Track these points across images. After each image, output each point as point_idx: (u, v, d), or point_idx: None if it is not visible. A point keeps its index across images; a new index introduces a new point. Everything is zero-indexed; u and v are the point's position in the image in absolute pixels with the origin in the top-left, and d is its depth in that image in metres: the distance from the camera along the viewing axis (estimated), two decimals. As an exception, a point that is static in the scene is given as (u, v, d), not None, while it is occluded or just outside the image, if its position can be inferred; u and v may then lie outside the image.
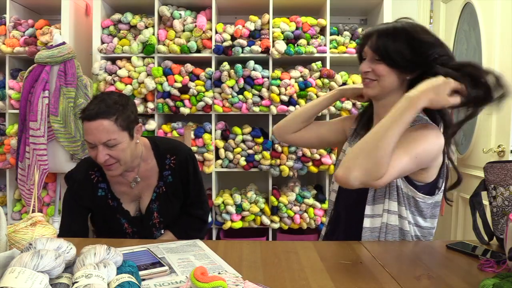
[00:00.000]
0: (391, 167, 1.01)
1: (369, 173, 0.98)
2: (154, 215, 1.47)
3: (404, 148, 1.05)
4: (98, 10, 2.55)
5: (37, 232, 0.89)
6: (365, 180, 0.99)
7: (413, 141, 1.07)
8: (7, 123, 2.55)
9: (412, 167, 1.08)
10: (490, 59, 2.22)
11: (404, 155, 1.04)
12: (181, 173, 1.48)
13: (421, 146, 1.07)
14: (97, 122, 1.26)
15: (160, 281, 0.85)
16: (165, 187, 1.47)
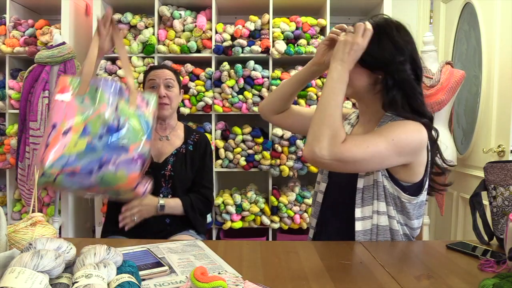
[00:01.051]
0: (362, 141, 1.05)
1: (330, 139, 1.02)
2: (168, 167, 1.69)
3: (379, 133, 1.08)
4: (98, 10, 2.55)
5: (37, 232, 0.89)
6: (331, 148, 1.02)
7: (389, 127, 1.10)
8: (7, 123, 2.55)
9: (390, 153, 1.06)
10: (490, 59, 2.22)
11: (378, 137, 1.06)
12: (200, 150, 1.77)
13: (397, 131, 1.08)
14: (163, 70, 1.74)
15: (160, 281, 0.85)
16: (185, 150, 1.74)
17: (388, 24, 1.14)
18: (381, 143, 1.05)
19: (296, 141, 2.48)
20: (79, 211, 2.68)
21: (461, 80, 2.28)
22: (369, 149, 1.04)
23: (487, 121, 2.22)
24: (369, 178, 1.15)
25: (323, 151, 1.01)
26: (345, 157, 1.03)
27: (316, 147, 1.02)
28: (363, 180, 1.16)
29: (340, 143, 1.02)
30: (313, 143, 1.03)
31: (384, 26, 1.13)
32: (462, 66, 2.52)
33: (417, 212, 1.18)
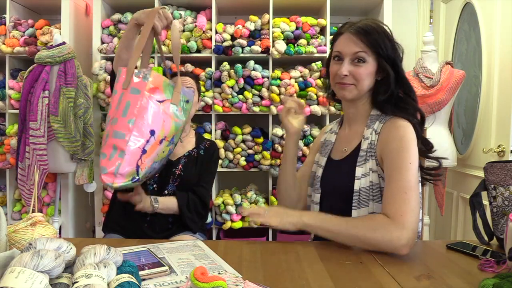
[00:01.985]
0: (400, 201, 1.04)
1: (388, 243, 1.02)
2: (179, 166, 1.72)
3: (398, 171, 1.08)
4: (98, 10, 2.55)
5: (37, 232, 0.89)
6: (391, 246, 1.01)
7: (397, 155, 1.10)
8: (7, 123, 2.55)
9: (415, 171, 1.10)
10: (490, 59, 2.22)
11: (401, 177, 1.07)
12: (208, 155, 1.81)
13: (405, 152, 1.10)
14: (185, 78, 1.83)
15: (160, 281, 0.85)
16: (197, 154, 1.78)
17: (385, 28, 1.20)
18: (408, 177, 1.07)
19: (296, 141, 2.48)
20: (79, 211, 2.68)
21: (461, 80, 2.28)
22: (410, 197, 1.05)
23: (487, 121, 2.22)
24: (366, 179, 1.16)
25: (402, 249, 1.00)
26: (414, 229, 1.02)
27: (397, 250, 1.01)
28: (359, 182, 1.17)
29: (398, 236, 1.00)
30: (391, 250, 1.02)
31: (384, 29, 1.19)
32: (462, 66, 2.52)
33: None
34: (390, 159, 1.11)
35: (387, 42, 1.16)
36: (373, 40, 1.15)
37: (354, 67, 1.17)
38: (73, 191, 2.59)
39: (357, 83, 1.18)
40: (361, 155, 1.18)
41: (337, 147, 1.31)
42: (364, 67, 1.16)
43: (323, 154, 1.33)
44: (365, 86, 1.18)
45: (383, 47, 1.15)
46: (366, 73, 1.16)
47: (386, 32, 1.18)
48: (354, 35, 1.16)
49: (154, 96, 1.28)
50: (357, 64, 1.17)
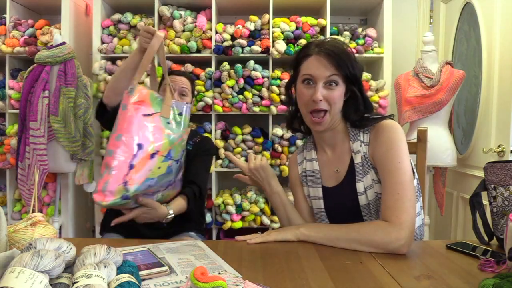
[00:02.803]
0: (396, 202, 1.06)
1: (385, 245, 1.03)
2: None
3: (388, 173, 1.10)
4: (98, 10, 2.55)
5: (37, 232, 0.89)
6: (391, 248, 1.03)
7: (386, 156, 1.12)
8: (7, 123, 2.55)
9: (408, 166, 1.11)
10: (490, 59, 2.22)
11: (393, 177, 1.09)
12: (198, 148, 1.76)
13: (394, 150, 1.11)
14: (180, 77, 1.79)
15: (160, 281, 0.85)
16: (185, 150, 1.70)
17: (348, 48, 1.19)
18: (399, 178, 1.08)
19: (296, 141, 2.49)
20: (79, 211, 2.68)
21: (461, 80, 2.28)
22: (404, 197, 1.06)
23: (487, 121, 2.22)
24: (370, 192, 1.16)
25: (401, 249, 1.02)
26: (410, 227, 1.04)
27: (397, 250, 1.03)
28: (364, 196, 1.17)
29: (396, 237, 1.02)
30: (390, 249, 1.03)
31: (349, 49, 1.18)
32: (462, 66, 2.52)
33: None
34: (380, 164, 1.13)
35: (354, 63, 1.15)
36: (343, 62, 1.13)
37: (327, 91, 1.13)
38: (73, 191, 2.59)
39: (330, 108, 1.14)
40: (357, 170, 1.17)
41: (326, 173, 1.26)
42: (337, 90, 1.14)
43: (314, 185, 1.28)
44: (337, 110, 1.17)
45: (351, 69, 1.14)
46: (339, 95, 1.15)
47: (351, 52, 1.17)
48: (325, 57, 1.12)
49: (140, 110, 1.24)
50: (329, 87, 1.14)
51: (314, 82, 1.14)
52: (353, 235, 1.06)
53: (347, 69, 1.13)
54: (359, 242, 1.05)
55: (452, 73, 2.28)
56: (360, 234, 1.06)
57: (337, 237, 1.07)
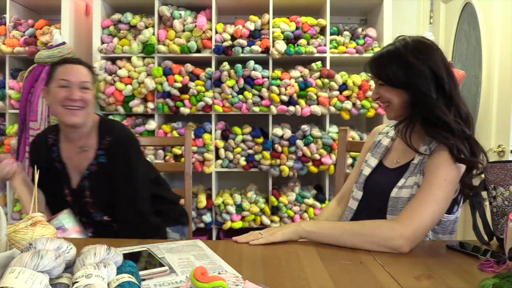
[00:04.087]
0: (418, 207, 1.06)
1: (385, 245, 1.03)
2: (86, 193, 1.44)
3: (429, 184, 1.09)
4: (98, 10, 2.55)
5: (37, 232, 0.89)
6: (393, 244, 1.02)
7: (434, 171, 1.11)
8: (7, 123, 2.55)
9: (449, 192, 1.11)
10: (490, 59, 2.22)
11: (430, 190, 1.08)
12: (117, 159, 1.41)
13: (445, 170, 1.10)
14: (78, 67, 1.45)
15: (160, 281, 0.85)
16: (97, 166, 1.42)
17: (404, 47, 1.18)
18: (435, 191, 1.08)
19: (296, 141, 2.48)
20: (79, 211, 2.68)
21: (461, 80, 2.28)
22: (429, 206, 1.06)
23: (487, 121, 2.22)
24: (407, 191, 1.17)
25: (403, 247, 1.02)
26: (416, 230, 1.04)
27: (399, 247, 1.02)
28: (398, 190, 1.18)
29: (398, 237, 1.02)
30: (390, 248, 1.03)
31: (401, 51, 1.18)
32: (462, 66, 2.52)
33: (451, 228, 1.23)
34: (428, 172, 1.13)
35: (393, 66, 1.17)
36: (379, 66, 1.20)
37: (379, 89, 1.22)
38: (73, 191, 2.59)
39: (388, 103, 1.21)
40: (410, 168, 1.20)
41: (390, 156, 1.31)
42: (384, 89, 1.20)
43: (375, 155, 1.34)
44: (396, 104, 1.20)
45: (388, 72, 1.18)
46: (389, 92, 1.19)
47: (392, 57, 1.19)
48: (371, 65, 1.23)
49: None
50: (380, 87, 1.22)
51: None
52: (356, 229, 1.06)
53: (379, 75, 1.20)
54: (362, 236, 1.05)
55: (452, 73, 2.28)
56: (364, 228, 1.06)
57: (341, 232, 1.07)
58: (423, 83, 1.14)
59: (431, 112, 1.14)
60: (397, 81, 1.17)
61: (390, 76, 1.17)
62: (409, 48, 1.17)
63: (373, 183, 1.29)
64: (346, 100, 2.53)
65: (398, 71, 1.16)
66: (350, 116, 2.56)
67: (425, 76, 1.14)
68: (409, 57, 1.16)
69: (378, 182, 1.27)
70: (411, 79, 1.15)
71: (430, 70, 1.14)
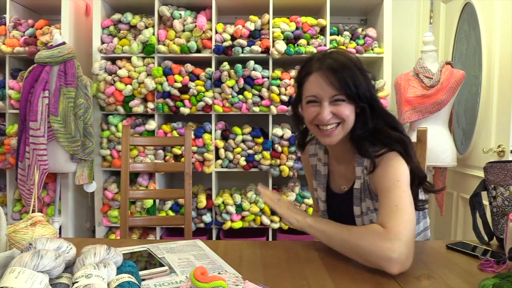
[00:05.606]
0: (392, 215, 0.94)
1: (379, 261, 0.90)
2: None
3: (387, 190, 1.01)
4: (98, 10, 2.55)
5: (37, 232, 0.89)
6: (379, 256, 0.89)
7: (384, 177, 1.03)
8: (7, 123, 2.55)
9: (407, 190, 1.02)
10: (490, 59, 2.22)
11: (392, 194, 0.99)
12: None
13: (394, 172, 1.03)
14: None
15: (160, 281, 0.85)
16: None
17: (350, 58, 1.10)
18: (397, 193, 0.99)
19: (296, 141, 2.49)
20: (79, 211, 2.68)
21: (461, 80, 2.28)
22: (402, 211, 0.95)
23: (487, 121, 2.22)
24: (366, 217, 1.14)
25: (393, 265, 0.88)
26: (407, 243, 0.90)
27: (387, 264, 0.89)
28: (360, 219, 1.16)
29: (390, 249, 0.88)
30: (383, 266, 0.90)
31: (352, 60, 1.09)
32: (462, 66, 2.52)
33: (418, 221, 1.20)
34: (378, 184, 1.05)
35: (360, 77, 1.06)
36: (347, 78, 1.04)
37: (335, 107, 1.07)
38: (73, 191, 2.59)
39: (342, 121, 1.08)
40: (355, 195, 1.14)
41: (334, 181, 1.25)
42: (344, 106, 1.06)
43: (320, 186, 1.27)
44: (350, 123, 1.09)
45: (357, 84, 1.05)
46: (349, 110, 1.07)
47: (356, 64, 1.08)
48: (327, 74, 1.06)
49: None
50: (336, 103, 1.07)
51: (319, 101, 1.08)
52: (344, 235, 0.97)
53: (349, 88, 1.04)
54: (347, 245, 0.95)
55: (452, 73, 2.28)
56: (351, 236, 0.95)
57: (331, 235, 1.00)
58: (374, 91, 1.10)
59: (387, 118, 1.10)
60: (363, 95, 1.06)
61: (359, 90, 1.05)
62: (355, 59, 1.10)
63: (333, 212, 1.24)
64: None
65: (362, 83, 1.06)
66: (350, 116, 2.56)
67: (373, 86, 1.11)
68: (362, 65, 1.09)
69: (337, 210, 1.23)
70: (370, 88, 1.08)
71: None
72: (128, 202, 1.66)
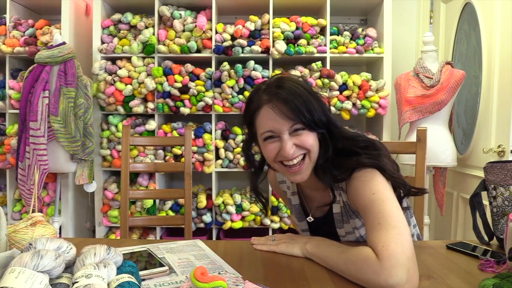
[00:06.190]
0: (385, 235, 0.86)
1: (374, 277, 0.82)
2: None
3: (371, 208, 0.93)
4: (98, 10, 2.55)
5: (37, 232, 0.89)
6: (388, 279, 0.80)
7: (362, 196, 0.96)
8: (7, 123, 2.55)
9: (392, 199, 0.95)
10: (490, 59, 2.22)
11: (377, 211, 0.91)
12: None
13: (370, 187, 0.96)
14: None
15: (160, 281, 0.85)
16: None
17: (301, 82, 1.04)
18: (376, 209, 0.91)
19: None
20: (79, 211, 2.68)
21: (461, 80, 2.28)
22: (387, 225, 0.88)
23: (487, 121, 2.22)
24: (352, 235, 1.11)
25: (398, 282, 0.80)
26: (404, 263, 0.81)
27: None
28: (345, 238, 1.12)
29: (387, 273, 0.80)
30: None
31: (304, 86, 1.02)
32: (462, 66, 2.52)
33: None
34: (357, 204, 1.00)
35: (313, 101, 0.99)
36: (299, 106, 0.97)
37: (296, 137, 0.99)
38: (73, 191, 2.59)
39: (308, 152, 1.00)
40: (336, 219, 1.10)
41: (311, 205, 1.19)
42: (306, 134, 0.99)
43: (299, 218, 1.22)
44: (315, 152, 1.01)
45: (311, 109, 0.98)
46: (312, 137, 1.00)
47: (307, 89, 1.00)
48: (277, 107, 0.97)
49: None
50: (297, 133, 0.99)
51: (277, 135, 0.99)
52: (343, 268, 0.89)
53: (303, 116, 0.97)
54: (348, 276, 0.87)
55: (452, 73, 2.28)
56: (349, 269, 0.87)
57: (332, 266, 0.92)
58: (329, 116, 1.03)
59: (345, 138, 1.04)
60: (319, 120, 0.99)
61: (314, 116, 0.98)
62: (304, 84, 1.03)
63: (317, 234, 1.13)
64: (346, 100, 2.53)
65: (316, 107, 0.99)
66: (350, 116, 2.56)
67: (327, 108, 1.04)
68: (313, 91, 1.03)
69: (320, 232, 1.13)
70: (327, 113, 1.02)
71: None
72: (128, 202, 1.66)
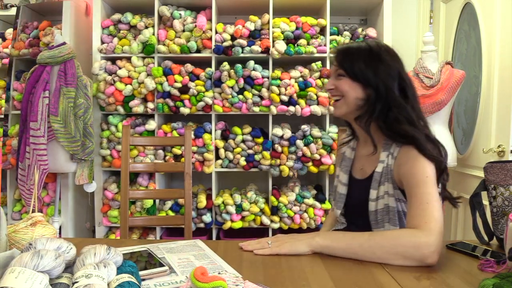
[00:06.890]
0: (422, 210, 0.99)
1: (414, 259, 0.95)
2: None
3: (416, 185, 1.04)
4: (98, 10, 2.55)
5: (37, 232, 0.89)
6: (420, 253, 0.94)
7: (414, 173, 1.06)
8: (9, 124, 2.55)
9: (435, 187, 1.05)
10: (490, 59, 2.22)
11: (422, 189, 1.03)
12: None
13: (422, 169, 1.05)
14: None
15: (160, 281, 0.85)
16: None
17: (377, 45, 1.20)
18: (427, 189, 1.03)
19: (296, 141, 2.48)
20: (79, 211, 2.68)
21: (461, 80, 2.28)
22: (432, 207, 1.00)
23: (487, 121, 2.22)
24: (381, 202, 1.15)
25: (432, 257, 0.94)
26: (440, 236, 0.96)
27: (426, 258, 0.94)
28: (374, 203, 1.16)
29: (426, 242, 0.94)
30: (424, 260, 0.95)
31: (374, 48, 1.19)
32: (462, 66, 2.52)
33: None
34: (407, 177, 1.08)
35: (366, 60, 1.16)
36: (345, 57, 1.19)
37: (336, 81, 1.20)
38: (73, 191, 2.59)
39: (342, 95, 1.19)
40: (375, 178, 1.16)
41: (356, 165, 1.29)
42: (344, 81, 1.18)
43: (344, 170, 1.31)
44: (351, 99, 1.17)
45: (357, 64, 1.16)
46: (347, 84, 1.17)
47: (371, 51, 1.17)
48: (336, 56, 1.23)
49: None
50: (338, 78, 1.20)
51: None
52: (377, 240, 0.98)
53: (346, 66, 1.17)
54: (385, 248, 0.96)
55: (452, 73, 2.28)
56: (385, 238, 0.98)
57: (359, 244, 0.99)
58: (391, 81, 1.14)
59: (399, 111, 1.12)
60: (361, 75, 1.15)
61: (355, 68, 1.16)
62: (382, 47, 1.20)
63: (349, 199, 1.27)
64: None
65: (365, 65, 1.15)
66: (350, 116, 2.56)
67: (393, 75, 1.15)
68: (383, 54, 1.17)
69: (353, 197, 1.25)
70: (379, 75, 1.14)
71: (398, 71, 1.16)
72: (128, 202, 1.66)
